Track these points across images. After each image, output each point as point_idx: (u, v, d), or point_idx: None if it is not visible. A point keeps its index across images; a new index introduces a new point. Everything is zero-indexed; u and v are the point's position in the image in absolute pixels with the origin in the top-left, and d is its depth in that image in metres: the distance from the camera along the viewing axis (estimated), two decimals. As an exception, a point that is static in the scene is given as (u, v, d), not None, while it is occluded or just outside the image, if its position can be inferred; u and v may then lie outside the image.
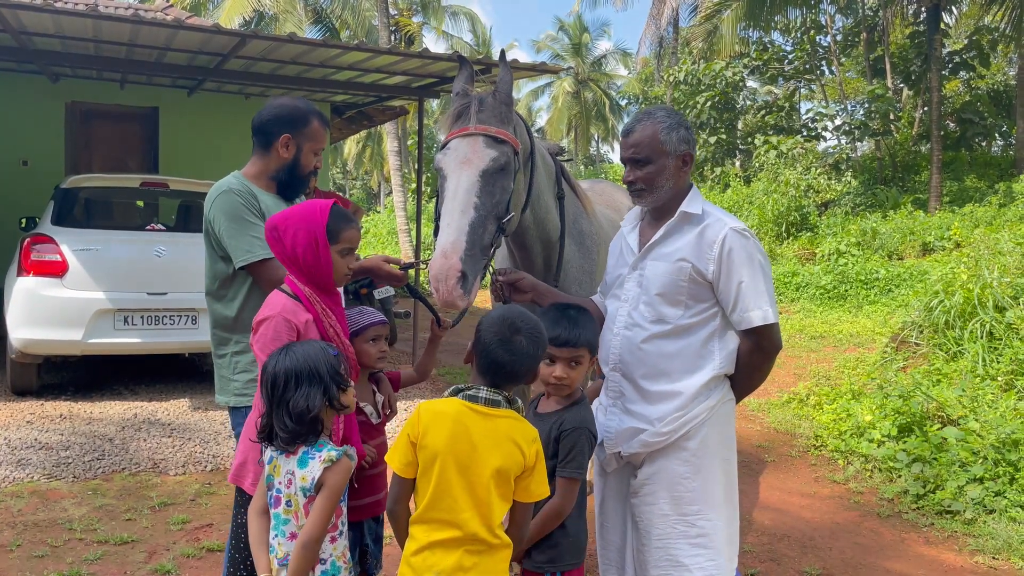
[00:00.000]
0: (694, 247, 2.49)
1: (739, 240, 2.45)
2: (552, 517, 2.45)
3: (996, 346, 6.50)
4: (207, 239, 2.83)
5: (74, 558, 3.97)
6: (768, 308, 2.44)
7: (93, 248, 6.70)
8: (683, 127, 2.55)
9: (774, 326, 2.47)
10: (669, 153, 2.51)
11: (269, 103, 2.92)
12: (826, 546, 4.37)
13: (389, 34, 20.05)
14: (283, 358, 2.22)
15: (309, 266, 2.41)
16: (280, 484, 2.23)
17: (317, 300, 2.44)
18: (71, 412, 6.46)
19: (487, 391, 2.16)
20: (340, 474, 2.19)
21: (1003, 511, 4.58)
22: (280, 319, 2.37)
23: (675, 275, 2.50)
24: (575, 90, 40.21)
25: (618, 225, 4.41)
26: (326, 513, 2.17)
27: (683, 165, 2.56)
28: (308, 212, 2.43)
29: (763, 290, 2.44)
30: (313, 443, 2.22)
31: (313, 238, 2.39)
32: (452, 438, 2.11)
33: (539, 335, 2.21)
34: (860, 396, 6.50)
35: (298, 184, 2.94)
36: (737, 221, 2.51)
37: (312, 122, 2.89)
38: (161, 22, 7.15)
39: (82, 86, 10.42)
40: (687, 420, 2.48)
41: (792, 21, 23.90)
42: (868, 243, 15.85)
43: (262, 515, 2.31)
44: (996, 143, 25.92)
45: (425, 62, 8.35)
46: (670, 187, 2.54)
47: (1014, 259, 7.64)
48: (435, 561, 2.07)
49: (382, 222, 28.66)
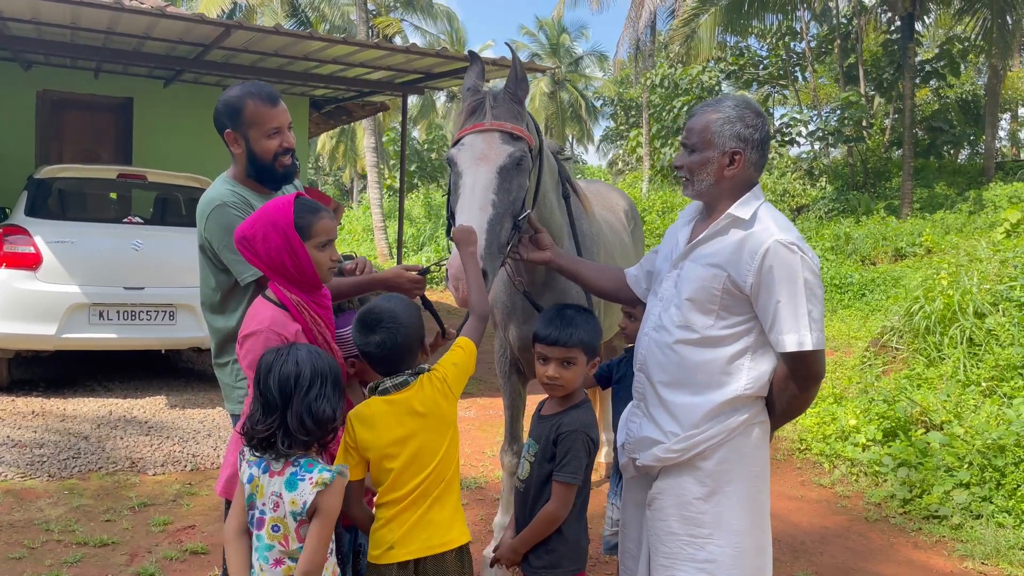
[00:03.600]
0: (733, 255, 2.28)
1: (783, 254, 2.21)
2: (547, 522, 2.41)
3: (976, 352, 6.57)
4: (203, 253, 2.68)
5: (53, 560, 3.84)
6: (807, 334, 2.20)
7: (68, 240, 6.53)
8: (744, 123, 2.32)
9: (814, 354, 2.23)
10: (716, 146, 2.32)
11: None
12: (817, 551, 4.37)
13: (367, 29, 19.88)
14: (307, 355, 2.08)
15: (289, 269, 2.28)
16: (264, 506, 2.08)
17: (305, 308, 2.32)
18: (44, 409, 6.29)
19: (390, 380, 2.30)
20: (335, 497, 2.06)
21: (990, 516, 4.62)
22: (270, 333, 2.25)
23: (708, 281, 2.31)
24: (552, 91, 40.22)
25: (615, 227, 4.40)
26: (324, 540, 2.05)
27: (729, 163, 2.32)
28: (272, 213, 2.29)
29: (804, 313, 2.20)
30: (302, 462, 2.08)
31: (285, 239, 2.25)
32: (384, 430, 2.26)
33: (394, 326, 2.28)
34: (843, 400, 6.54)
35: (269, 173, 2.71)
36: (790, 233, 2.27)
37: (246, 106, 2.63)
38: (142, 10, 6.98)
39: (55, 74, 10.19)
40: (702, 440, 2.31)
41: (768, 27, 24.09)
42: (842, 248, 16.04)
43: (242, 536, 2.16)
44: (964, 151, 26.39)
45: (410, 57, 8.29)
46: (711, 183, 2.35)
47: (992, 266, 7.74)
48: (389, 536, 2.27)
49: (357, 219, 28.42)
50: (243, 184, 2.72)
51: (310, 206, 2.35)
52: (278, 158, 2.68)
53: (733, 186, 2.35)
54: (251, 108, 2.63)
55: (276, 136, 2.66)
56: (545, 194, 3.22)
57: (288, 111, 2.75)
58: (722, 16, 21.95)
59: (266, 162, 2.67)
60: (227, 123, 2.67)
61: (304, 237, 2.28)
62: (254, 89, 2.66)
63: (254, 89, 2.66)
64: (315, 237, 2.30)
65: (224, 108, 2.67)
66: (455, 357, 2.41)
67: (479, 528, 4.46)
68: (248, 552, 2.15)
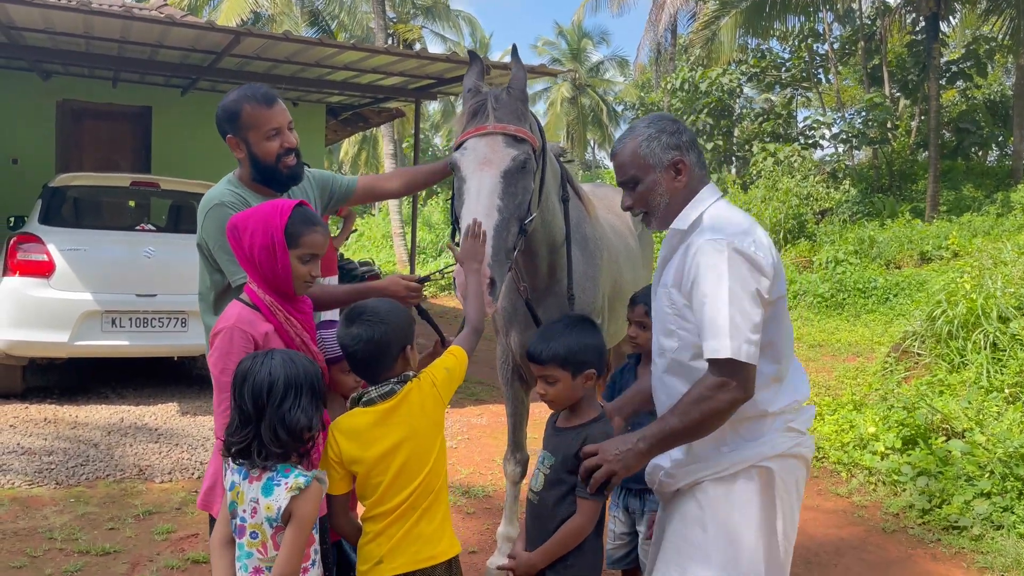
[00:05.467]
0: (677, 270, 2.18)
1: (708, 252, 2.07)
2: (573, 536, 2.33)
3: (1000, 357, 6.40)
4: (200, 252, 2.66)
5: (54, 569, 3.82)
6: (725, 340, 1.99)
7: (81, 248, 6.57)
8: (667, 132, 2.23)
9: (731, 363, 2.01)
10: (655, 166, 2.22)
11: None
12: (831, 562, 4.25)
13: (387, 37, 19.96)
14: (280, 364, 2.03)
15: (266, 270, 2.24)
16: (244, 512, 2.04)
17: (279, 309, 2.27)
18: (56, 416, 6.31)
19: (376, 389, 2.23)
20: (310, 503, 2.01)
21: (1012, 527, 4.46)
22: (235, 330, 2.21)
23: (665, 302, 2.23)
24: (572, 96, 40.19)
25: (620, 231, 4.31)
26: (298, 546, 2.00)
27: (676, 174, 2.23)
28: (267, 213, 2.25)
29: (725, 316, 2.01)
30: (279, 467, 2.03)
31: (270, 241, 2.21)
32: (369, 442, 2.20)
33: (377, 319, 2.23)
34: (862, 407, 6.38)
35: (274, 175, 2.66)
36: (727, 230, 2.11)
37: (243, 109, 2.59)
38: (153, 18, 7.03)
39: (73, 84, 10.30)
40: (692, 470, 2.21)
41: (790, 29, 23.87)
42: (866, 251, 15.78)
43: (227, 546, 2.11)
44: (992, 153, 25.93)
45: (422, 63, 8.27)
46: (666, 202, 2.24)
47: (1017, 269, 7.55)
48: (377, 551, 2.22)
49: (376, 225, 28.52)
50: (248, 186, 2.69)
51: (307, 217, 2.31)
52: (281, 159, 2.64)
53: (686, 198, 2.25)
54: (248, 111, 2.60)
55: (276, 137, 2.62)
56: (548, 196, 3.16)
57: (287, 111, 2.70)
58: (743, 18, 21.81)
59: (269, 164, 2.64)
60: (227, 128, 2.65)
61: (291, 245, 2.24)
62: (249, 92, 2.63)
63: (249, 92, 2.63)
64: (301, 248, 2.26)
65: (223, 114, 2.65)
66: (447, 362, 2.35)
67: (485, 538, 4.39)
68: (233, 562, 2.10)
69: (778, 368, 2.20)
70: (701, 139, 24.40)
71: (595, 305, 3.52)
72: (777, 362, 2.20)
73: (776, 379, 2.20)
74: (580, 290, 3.41)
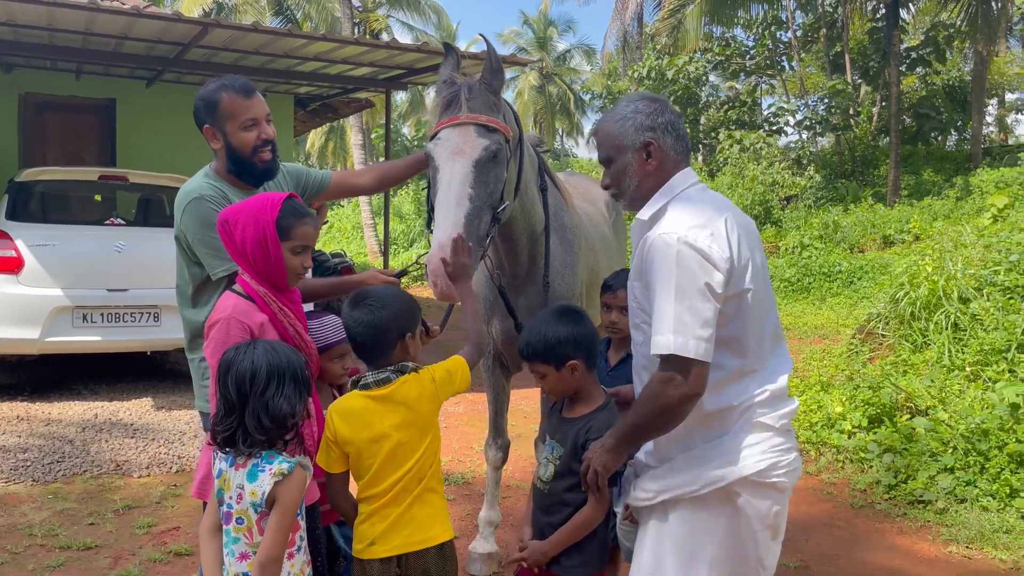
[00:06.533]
0: (638, 263, 2.14)
1: (659, 246, 2.03)
2: (585, 526, 2.38)
3: (961, 337, 6.59)
4: (178, 244, 2.67)
5: (35, 565, 3.82)
6: (669, 336, 1.96)
7: (50, 243, 6.49)
8: (643, 113, 2.18)
9: (676, 359, 1.97)
10: (627, 147, 2.18)
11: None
12: (802, 538, 4.38)
13: (353, 27, 19.80)
14: (263, 353, 2.07)
15: (259, 263, 2.29)
16: (231, 499, 2.09)
17: (272, 299, 2.32)
18: (28, 413, 6.25)
19: (372, 374, 2.30)
20: (294, 488, 2.06)
21: (974, 500, 4.64)
22: (232, 320, 2.25)
23: (630, 294, 2.23)
24: (540, 84, 40.17)
25: (595, 219, 4.38)
26: (282, 531, 2.04)
27: (647, 157, 2.17)
28: (259, 206, 2.29)
29: (671, 313, 1.97)
30: (263, 454, 2.07)
31: (262, 234, 2.25)
32: (362, 425, 2.28)
33: (379, 305, 2.30)
34: (829, 388, 6.55)
35: (249, 168, 2.67)
36: (683, 223, 2.05)
37: (221, 99, 2.60)
38: (118, 10, 6.94)
39: (36, 77, 10.11)
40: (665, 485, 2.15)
41: (754, 17, 24.10)
42: (830, 236, 16.07)
43: (215, 533, 2.16)
44: (952, 138, 26.45)
45: (392, 53, 8.26)
46: (636, 184, 2.20)
47: (976, 251, 7.76)
48: (371, 532, 2.29)
49: (346, 216, 28.35)
50: (224, 179, 2.70)
51: (298, 210, 2.35)
52: (257, 151, 2.65)
53: (658, 182, 2.21)
54: (226, 101, 2.61)
55: (253, 128, 2.64)
56: (527, 185, 3.22)
57: (265, 103, 2.72)
58: (708, 6, 21.99)
59: (245, 155, 2.65)
60: (205, 118, 2.66)
61: (282, 238, 2.28)
62: (228, 82, 2.65)
63: (228, 82, 2.65)
64: (293, 240, 2.31)
65: (201, 103, 2.66)
66: (450, 364, 2.43)
67: (466, 523, 4.45)
68: (220, 550, 2.14)
69: (743, 363, 2.12)
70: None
71: (574, 292, 3.59)
72: (742, 356, 2.12)
73: (742, 373, 2.13)
74: (559, 277, 3.48)
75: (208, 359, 2.26)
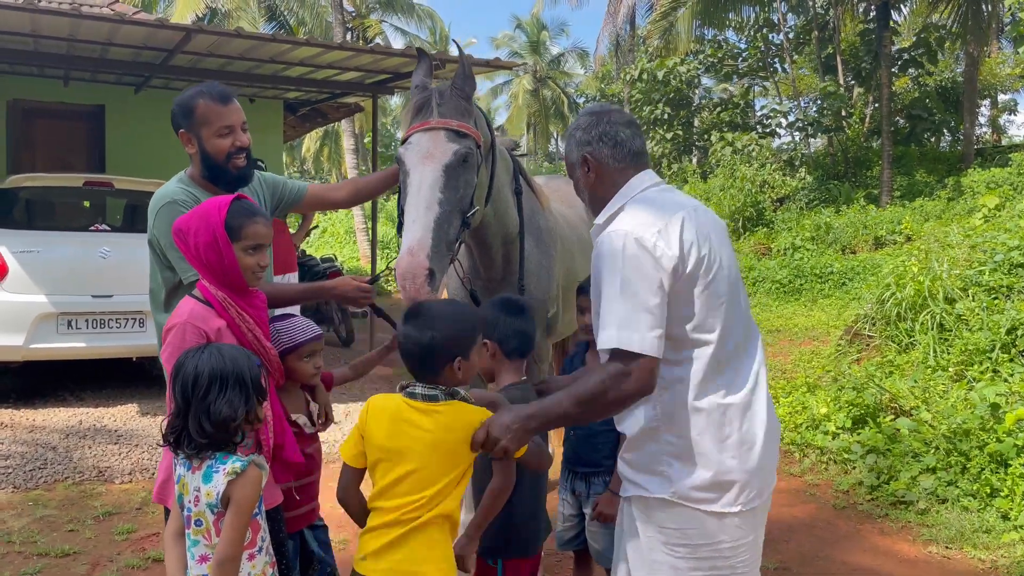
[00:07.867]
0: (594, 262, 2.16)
1: (607, 242, 2.04)
2: (494, 498, 2.34)
3: (947, 337, 6.60)
4: (151, 249, 2.69)
5: (12, 572, 3.81)
6: (613, 331, 1.95)
7: (34, 250, 6.48)
8: (581, 128, 2.23)
9: (619, 353, 1.95)
10: (574, 163, 2.26)
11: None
12: (783, 539, 4.38)
13: (344, 31, 19.81)
14: (207, 357, 2.07)
15: (214, 266, 2.28)
16: (189, 502, 2.09)
17: (231, 304, 2.31)
18: (12, 420, 6.24)
19: (423, 387, 2.19)
20: (248, 486, 2.05)
21: (955, 500, 4.64)
22: (188, 325, 2.25)
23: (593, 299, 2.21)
24: (534, 88, 40.25)
25: (573, 222, 4.39)
26: (238, 530, 2.03)
27: (588, 170, 2.22)
28: (206, 210, 2.30)
29: (614, 308, 1.97)
30: (217, 455, 2.07)
31: (212, 236, 2.26)
32: (390, 432, 2.17)
33: (427, 326, 2.18)
34: (815, 389, 6.55)
35: (222, 174, 2.68)
36: (633, 222, 2.05)
37: (198, 105, 2.63)
38: (102, 16, 6.93)
39: (23, 83, 10.08)
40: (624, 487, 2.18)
41: (745, 19, 24.13)
42: (822, 237, 16.08)
43: (179, 539, 2.15)
44: (944, 139, 26.51)
45: (378, 58, 8.26)
46: (588, 197, 2.28)
47: (962, 252, 7.78)
48: (368, 545, 2.18)
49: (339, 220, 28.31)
50: (198, 184, 2.72)
51: (247, 209, 2.35)
52: (231, 158, 2.68)
53: (608, 190, 2.22)
54: (202, 107, 2.65)
55: (228, 135, 2.66)
56: (500, 190, 3.23)
57: (241, 111, 2.74)
58: (699, 9, 22.03)
59: (219, 161, 2.67)
60: (181, 123, 2.69)
61: (233, 238, 2.28)
62: (206, 89, 2.68)
63: (206, 89, 2.68)
64: (244, 240, 2.30)
65: (178, 108, 2.69)
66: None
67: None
68: (184, 554, 2.14)
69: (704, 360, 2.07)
70: (660, 129, 24.58)
71: (550, 295, 3.60)
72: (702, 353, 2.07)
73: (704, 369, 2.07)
74: (534, 280, 3.48)
75: (164, 363, 2.27)
